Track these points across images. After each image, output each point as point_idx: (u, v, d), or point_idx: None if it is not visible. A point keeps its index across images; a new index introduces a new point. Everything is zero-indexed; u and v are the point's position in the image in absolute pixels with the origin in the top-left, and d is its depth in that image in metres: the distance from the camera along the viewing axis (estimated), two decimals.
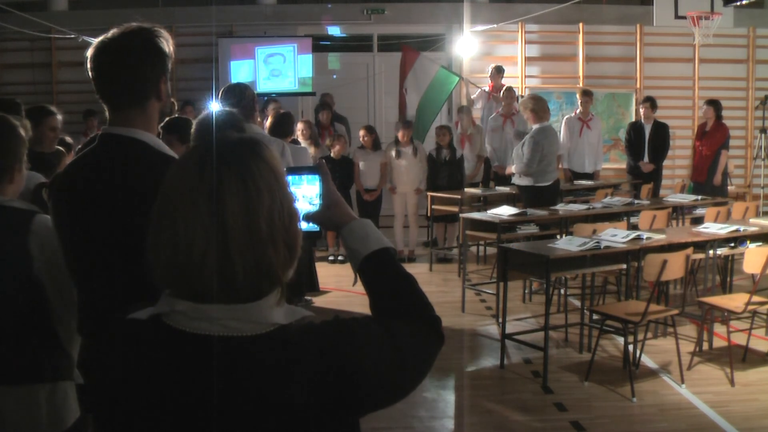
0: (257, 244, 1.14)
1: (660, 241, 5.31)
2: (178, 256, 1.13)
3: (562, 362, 5.38)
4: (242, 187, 1.14)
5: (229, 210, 1.12)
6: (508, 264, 5.28)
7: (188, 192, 1.14)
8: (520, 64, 11.71)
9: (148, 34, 1.95)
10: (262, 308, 1.16)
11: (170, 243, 1.13)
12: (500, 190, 8.69)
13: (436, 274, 8.32)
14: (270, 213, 1.15)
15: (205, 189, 1.13)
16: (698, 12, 9.09)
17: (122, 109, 1.98)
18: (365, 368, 1.19)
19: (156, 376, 1.15)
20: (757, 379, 5.00)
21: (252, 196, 1.14)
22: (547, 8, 10.75)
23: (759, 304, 5.19)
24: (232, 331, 1.14)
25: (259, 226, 1.14)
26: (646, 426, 4.37)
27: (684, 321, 5.94)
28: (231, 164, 1.15)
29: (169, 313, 1.17)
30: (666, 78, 11.88)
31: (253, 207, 1.14)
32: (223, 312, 1.14)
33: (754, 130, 11.87)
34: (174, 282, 1.16)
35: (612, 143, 11.88)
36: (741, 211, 7.21)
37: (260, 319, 1.15)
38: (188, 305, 1.15)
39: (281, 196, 1.18)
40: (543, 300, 5.42)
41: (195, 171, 1.15)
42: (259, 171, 1.16)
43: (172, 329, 1.15)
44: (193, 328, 1.14)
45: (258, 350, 1.14)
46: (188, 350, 1.14)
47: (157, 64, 1.96)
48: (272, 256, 1.15)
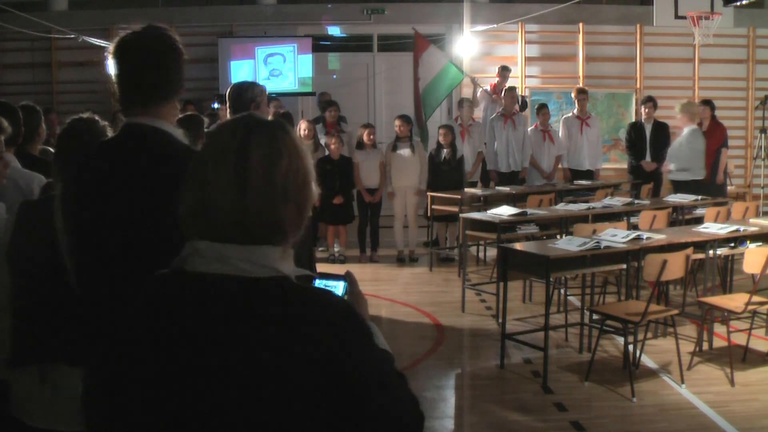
0: (272, 195, 1.29)
1: (660, 241, 5.31)
2: (204, 197, 1.29)
3: (562, 362, 5.37)
4: (266, 146, 1.31)
5: (252, 161, 1.28)
6: (508, 264, 5.28)
7: (220, 148, 1.31)
8: (520, 64, 11.71)
9: (171, 34, 2.08)
10: (269, 254, 1.29)
11: (199, 187, 1.30)
12: (500, 190, 8.69)
13: (436, 274, 8.32)
14: (287, 172, 1.30)
15: (235, 144, 1.30)
16: (698, 12, 9.10)
17: (150, 105, 2.05)
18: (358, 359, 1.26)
19: (170, 317, 1.27)
20: (757, 379, 5.00)
21: (273, 154, 1.30)
22: (547, 8, 10.75)
23: (759, 304, 5.19)
24: (241, 272, 1.26)
25: (276, 179, 1.29)
26: (646, 426, 4.36)
27: (684, 321, 5.94)
28: (260, 128, 1.33)
29: (188, 257, 1.30)
30: (666, 78, 11.88)
31: (273, 162, 1.30)
32: (235, 251, 1.27)
33: (754, 130, 11.88)
34: (197, 222, 1.30)
35: (612, 143, 11.89)
36: (741, 211, 7.21)
37: (267, 263, 1.28)
38: (206, 244, 1.28)
39: (299, 163, 1.33)
40: (543, 300, 5.42)
41: (228, 131, 1.34)
42: (282, 138, 1.33)
43: (188, 273, 1.29)
44: (207, 269, 1.27)
45: (260, 292, 1.26)
46: (200, 290, 1.27)
47: (181, 62, 2.11)
48: (283, 210, 1.30)
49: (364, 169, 8.84)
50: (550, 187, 8.89)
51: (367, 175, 8.86)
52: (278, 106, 8.52)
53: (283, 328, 1.22)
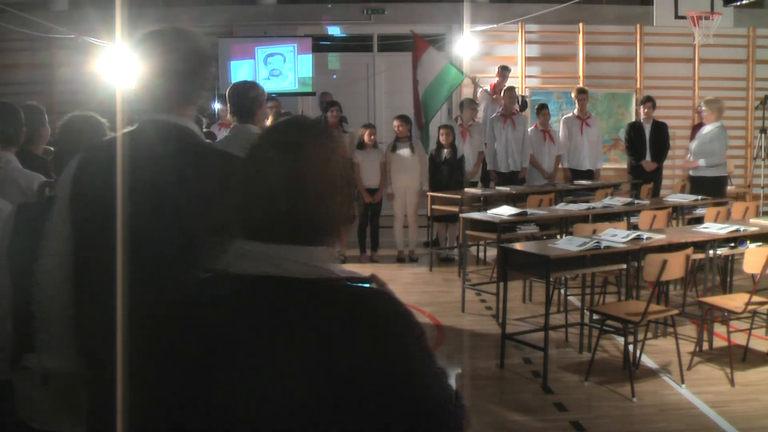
0: (327, 191, 1.29)
1: (660, 241, 5.31)
2: (258, 194, 1.28)
3: (562, 362, 5.38)
4: (319, 142, 1.31)
5: (309, 157, 1.28)
6: (508, 264, 5.28)
7: (274, 146, 1.31)
8: (520, 64, 11.72)
9: (199, 39, 2.11)
10: (320, 255, 1.28)
11: (252, 185, 1.29)
12: (500, 190, 8.69)
13: (436, 274, 8.32)
14: (335, 174, 1.31)
15: (289, 141, 1.30)
16: (698, 12, 9.10)
17: (175, 105, 2.04)
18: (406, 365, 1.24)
19: (221, 321, 1.24)
20: (757, 379, 5.00)
21: (328, 151, 1.31)
22: (547, 8, 10.76)
23: (759, 304, 5.19)
24: (292, 273, 1.25)
25: (330, 176, 1.30)
26: (646, 426, 4.36)
27: (684, 321, 5.94)
28: (313, 126, 1.35)
29: (234, 259, 1.28)
30: (666, 78, 11.89)
31: (328, 159, 1.30)
32: (286, 252, 1.26)
33: (754, 130, 11.88)
34: (247, 222, 1.29)
35: (612, 143, 11.89)
36: (741, 211, 7.21)
37: (318, 264, 1.27)
38: (255, 245, 1.27)
39: (346, 159, 1.35)
40: (543, 300, 5.42)
41: (282, 130, 1.35)
42: (334, 136, 1.35)
43: (236, 276, 1.27)
44: (256, 270, 1.26)
45: (314, 294, 1.24)
46: (251, 292, 1.24)
47: (209, 68, 2.12)
48: (337, 206, 1.30)
49: (364, 170, 8.83)
50: (550, 187, 8.89)
51: (367, 175, 8.85)
52: (276, 106, 8.50)
53: (338, 329, 1.20)
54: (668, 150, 9.70)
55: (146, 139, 1.99)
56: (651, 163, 9.42)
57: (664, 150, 9.55)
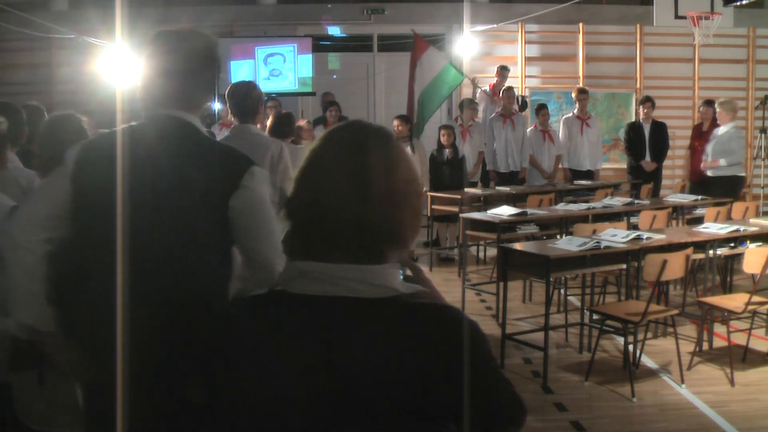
0: (395, 203, 1.22)
1: (660, 241, 5.31)
2: (319, 211, 1.20)
3: (562, 362, 5.37)
4: (383, 152, 1.24)
5: (372, 166, 1.21)
6: (508, 264, 5.28)
7: (335, 151, 1.24)
8: (520, 64, 11.71)
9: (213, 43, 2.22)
10: (385, 273, 1.21)
11: (313, 198, 1.21)
12: (500, 190, 8.69)
13: (436, 274, 8.31)
14: (405, 179, 1.25)
15: (352, 149, 1.23)
16: (698, 12, 9.09)
17: (181, 102, 2.06)
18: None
19: (279, 343, 1.19)
20: (757, 379, 5.00)
21: (392, 160, 1.24)
22: (547, 8, 10.75)
23: (759, 304, 5.19)
24: (355, 293, 1.18)
25: (398, 187, 1.23)
26: (646, 426, 4.36)
27: (684, 321, 5.94)
28: (375, 133, 1.28)
29: (289, 281, 1.22)
30: (666, 78, 11.88)
31: (393, 169, 1.23)
32: (350, 272, 1.19)
33: (754, 130, 11.87)
34: (308, 239, 1.22)
35: (612, 143, 11.89)
36: (741, 211, 7.21)
37: (383, 283, 1.20)
38: (317, 265, 1.20)
39: (411, 169, 1.28)
40: (543, 300, 5.42)
41: (341, 136, 1.27)
42: (396, 144, 1.29)
43: (295, 296, 1.20)
44: (316, 291, 1.19)
45: (379, 313, 1.18)
46: (310, 313, 1.18)
47: (218, 73, 2.20)
48: (404, 217, 1.24)
49: None
50: (550, 187, 8.89)
51: None
52: (276, 107, 8.50)
53: (406, 346, 1.16)
54: (668, 150, 9.70)
55: (150, 131, 2.01)
56: (651, 163, 9.42)
57: (664, 150, 9.55)
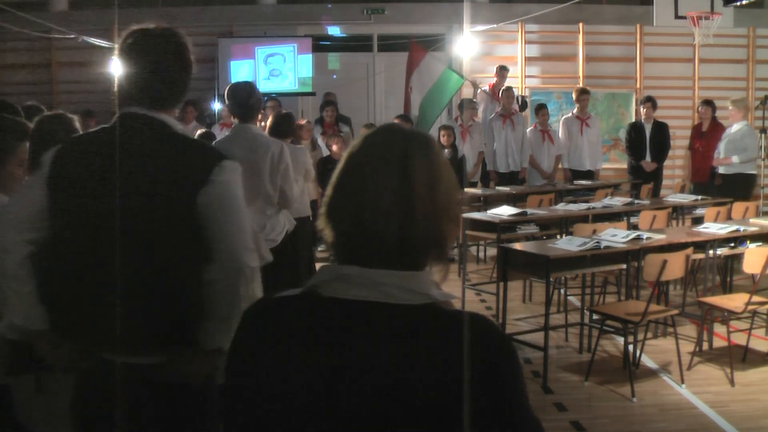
0: (438, 217, 1.21)
1: (660, 241, 5.31)
2: (362, 216, 1.18)
3: (562, 362, 5.37)
4: (426, 159, 1.21)
5: (416, 176, 1.19)
6: (508, 264, 5.28)
7: (377, 159, 1.20)
8: (520, 64, 11.71)
9: (184, 41, 2.15)
10: (424, 280, 1.21)
11: (355, 204, 1.19)
12: (500, 190, 8.69)
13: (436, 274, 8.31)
14: (447, 189, 1.23)
15: (394, 157, 1.19)
16: (698, 12, 9.09)
17: (152, 100, 2.07)
18: None
19: (310, 346, 1.17)
20: (757, 379, 5.00)
21: (435, 168, 1.22)
22: (547, 8, 10.75)
23: (759, 304, 5.19)
24: (391, 299, 1.17)
25: (441, 196, 1.21)
26: (646, 426, 4.36)
27: (684, 321, 5.94)
28: (414, 140, 1.23)
29: (325, 283, 1.19)
30: (666, 78, 11.88)
31: (436, 177, 1.22)
32: (389, 278, 1.17)
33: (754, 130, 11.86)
34: (349, 244, 1.20)
35: (612, 143, 11.88)
36: (741, 211, 7.21)
37: (421, 290, 1.19)
38: (357, 270, 1.18)
39: (452, 178, 1.26)
40: (543, 300, 5.42)
41: (382, 142, 1.23)
42: (438, 153, 1.25)
43: (327, 299, 1.18)
44: (352, 295, 1.17)
45: (415, 320, 1.17)
46: (346, 317, 1.17)
47: (189, 70, 2.16)
48: (446, 229, 1.23)
49: None
50: (550, 187, 8.89)
51: None
52: (276, 107, 8.50)
53: (439, 355, 1.15)
54: (669, 150, 9.70)
55: (120, 131, 2.04)
56: (651, 164, 9.42)
57: (665, 150, 9.55)
